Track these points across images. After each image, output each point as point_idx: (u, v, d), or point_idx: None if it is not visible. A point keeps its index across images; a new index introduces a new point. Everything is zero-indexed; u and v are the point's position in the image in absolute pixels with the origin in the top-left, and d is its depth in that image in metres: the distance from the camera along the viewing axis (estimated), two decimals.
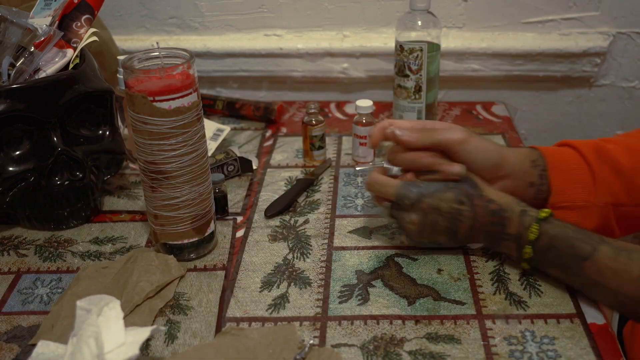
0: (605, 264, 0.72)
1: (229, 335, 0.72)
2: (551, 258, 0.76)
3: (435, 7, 1.22)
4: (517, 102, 1.39)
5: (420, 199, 0.79)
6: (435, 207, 0.79)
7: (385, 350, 0.71)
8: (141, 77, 0.76)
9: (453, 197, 0.79)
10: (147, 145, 0.79)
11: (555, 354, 0.70)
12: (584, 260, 0.73)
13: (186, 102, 0.78)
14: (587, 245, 0.73)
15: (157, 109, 0.76)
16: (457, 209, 0.79)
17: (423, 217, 0.80)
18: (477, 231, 0.80)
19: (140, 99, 0.76)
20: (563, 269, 0.76)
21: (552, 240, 0.75)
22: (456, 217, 0.79)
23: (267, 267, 0.85)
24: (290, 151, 1.14)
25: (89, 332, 0.63)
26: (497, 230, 0.79)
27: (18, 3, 1.07)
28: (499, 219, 0.78)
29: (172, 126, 0.77)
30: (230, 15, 1.35)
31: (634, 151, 0.86)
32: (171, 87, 0.76)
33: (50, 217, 0.93)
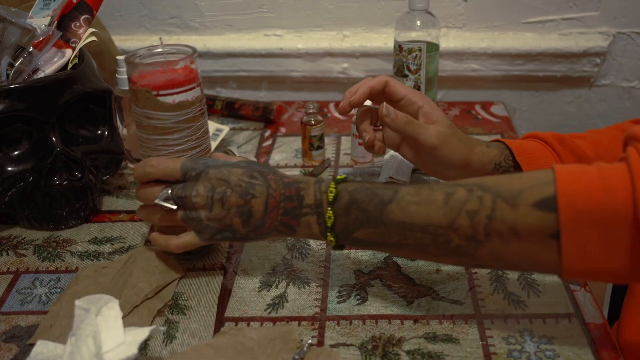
0: (408, 200, 0.67)
1: (228, 335, 0.72)
2: (355, 215, 0.70)
3: (435, 7, 1.22)
4: (517, 102, 1.39)
5: (205, 170, 0.73)
6: (223, 179, 0.72)
7: (384, 350, 0.71)
8: (145, 71, 0.76)
9: (243, 171, 0.73)
10: (151, 141, 0.79)
11: (554, 354, 0.70)
12: (387, 204, 0.68)
13: (190, 96, 0.78)
14: (389, 190, 0.69)
15: (161, 103, 0.77)
16: (249, 182, 0.72)
17: (211, 189, 0.72)
18: (274, 210, 0.72)
19: (144, 93, 0.76)
20: (369, 222, 0.69)
21: (352, 194, 0.70)
22: (248, 190, 0.72)
23: (266, 267, 0.85)
24: (289, 151, 1.14)
25: (87, 331, 0.63)
26: (294, 205, 0.72)
27: (17, 3, 1.07)
28: (294, 191, 0.72)
29: (176, 121, 0.78)
30: (230, 15, 1.35)
31: (599, 145, 0.88)
32: (175, 81, 0.77)
33: (49, 217, 0.93)
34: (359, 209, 0.70)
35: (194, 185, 0.73)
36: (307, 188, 0.73)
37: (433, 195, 0.67)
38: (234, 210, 0.73)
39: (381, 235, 0.70)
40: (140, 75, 0.77)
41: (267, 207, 0.73)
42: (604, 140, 0.90)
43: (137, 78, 0.77)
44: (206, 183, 0.73)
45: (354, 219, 0.70)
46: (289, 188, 0.73)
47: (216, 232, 0.75)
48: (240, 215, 0.73)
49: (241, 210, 0.73)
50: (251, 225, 0.74)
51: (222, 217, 0.73)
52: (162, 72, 0.77)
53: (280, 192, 0.73)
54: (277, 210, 0.73)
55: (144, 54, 0.80)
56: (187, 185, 0.73)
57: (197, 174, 0.73)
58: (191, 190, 0.73)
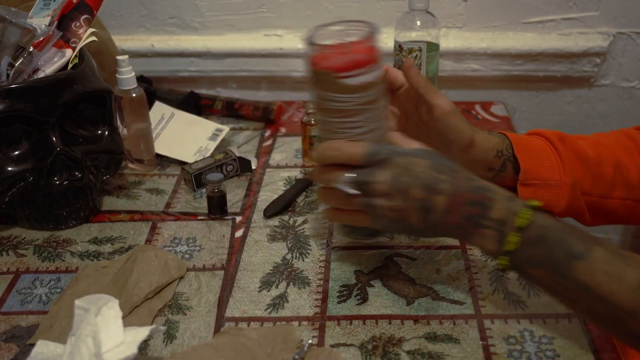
0: (599, 267, 0.63)
1: (228, 335, 0.72)
2: (538, 253, 0.66)
3: (435, 7, 1.22)
4: (517, 102, 1.39)
5: (391, 156, 0.70)
6: (408, 168, 0.69)
7: (384, 350, 0.71)
8: (326, 52, 0.72)
9: (430, 163, 0.69)
10: (332, 124, 0.75)
11: (554, 354, 0.70)
12: (576, 259, 0.64)
13: (372, 77, 0.73)
14: (581, 243, 0.64)
15: (345, 85, 0.72)
16: (434, 176, 0.69)
17: (394, 177, 0.69)
18: (455, 211, 0.68)
19: (326, 75, 0.72)
20: (550, 268, 0.65)
21: (544, 231, 0.66)
22: (432, 184, 0.68)
23: (266, 267, 0.85)
24: (290, 151, 1.14)
25: (87, 331, 0.63)
26: (477, 212, 0.68)
27: (17, 3, 1.07)
28: (482, 198, 0.68)
29: (359, 102, 0.73)
30: (230, 15, 1.35)
31: (601, 146, 0.88)
32: (357, 61, 0.72)
33: (49, 217, 0.93)
34: (546, 249, 0.65)
35: (378, 172, 0.70)
36: (495, 200, 0.68)
37: (626, 275, 0.62)
38: (414, 202, 0.69)
39: (557, 285, 0.66)
40: (321, 56, 0.72)
41: (449, 206, 0.69)
42: (606, 142, 0.90)
43: (318, 60, 0.72)
44: (390, 170, 0.70)
45: (536, 256, 0.66)
46: (476, 193, 0.68)
47: (392, 222, 0.72)
48: (419, 209, 0.69)
49: (421, 204, 0.69)
50: (429, 222, 0.70)
51: (401, 208, 0.70)
52: (342, 53, 0.71)
53: (467, 196, 0.68)
54: (460, 213, 0.69)
55: (322, 34, 0.75)
56: (370, 171, 0.71)
57: (381, 160, 0.70)
58: (374, 176, 0.70)
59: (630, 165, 0.88)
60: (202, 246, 0.90)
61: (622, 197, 0.88)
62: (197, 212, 0.98)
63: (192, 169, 1.02)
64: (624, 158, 0.88)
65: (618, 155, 0.88)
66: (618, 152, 0.89)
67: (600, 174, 0.87)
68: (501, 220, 0.67)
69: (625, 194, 0.88)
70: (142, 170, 1.09)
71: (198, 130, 1.13)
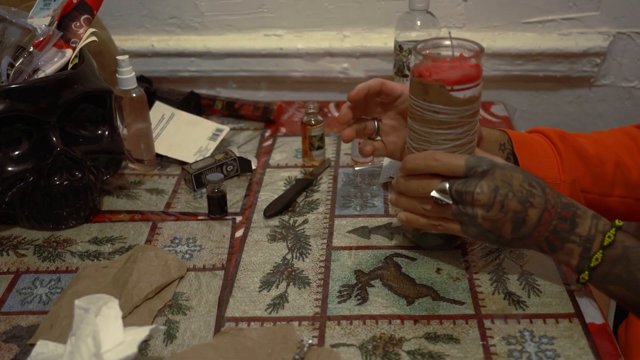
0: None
1: (228, 335, 0.72)
2: (619, 271, 0.70)
3: (435, 7, 1.22)
4: (517, 102, 1.39)
5: (492, 168, 0.72)
6: (507, 181, 0.71)
7: (384, 350, 0.71)
8: (441, 65, 0.74)
9: (523, 177, 0.72)
10: (433, 135, 0.77)
11: (554, 354, 0.70)
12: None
13: (477, 91, 0.76)
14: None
15: (453, 98, 0.75)
16: (529, 190, 0.71)
17: (495, 189, 0.71)
18: (544, 224, 0.72)
19: (437, 88, 0.74)
20: (629, 286, 0.70)
21: (627, 251, 0.70)
22: (528, 198, 0.71)
23: (266, 267, 0.85)
24: (290, 151, 1.14)
25: (87, 331, 0.63)
26: (565, 228, 0.72)
27: (17, 3, 1.07)
28: (571, 215, 0.72)
29: (463, 115, 0.76)
30: (230, 15, 1.35)
31: (601, 144, 0.89)
32: (468, 76, 0.75)
33: (49, 217, 0.93)
34: (627, 269, 0.70)
35: (478, 182, 0.72)
36: (583, 217, 0.72)
37: None
38: (510, 214, 0.72)
39: (635, 302, 0.70)
40: (435, 69, 0.75)
41: (540, 220, 0.72)
42: (606, 141, 0.90)
43: (430, 72, 0.75)
44: (490, 182, 0.72)
45: (617, 274, 0.70)
46: (566, 209, 0.72)
47: (483, 232, 0.74)
48: (513, 221, 0.72)
49: (516, 216, 0.72)
50: (519, 234, 0.73)
51: (497, 219, 0.72)
52: (455, 67, 0.74)
53: (557, 211, 0.72)
54: (548, 227, 0.72)
55: (433, 46, 0.79)
56: (470, 181, 0.73)
57: (482, 171, 0.73)
58: (474, 186, 0.72)
59: (630, 164, 0.88)
60: (202, 246, 0.90)
61: (622, 195, 0.88)
62: (197, 212, 0.98)
63: (192, 169, 1.02)
64: (624, 157, 0.88)
65: (618, 154, 0.88)
66: (618, 151, 0.89)
67: (601, 172, 0.87)
68: (588, 237, 0.71)
69: (626, 193, 0.88)
70: (143, 170, 1.09)
71: (198, 130, 1.13)
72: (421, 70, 0.75)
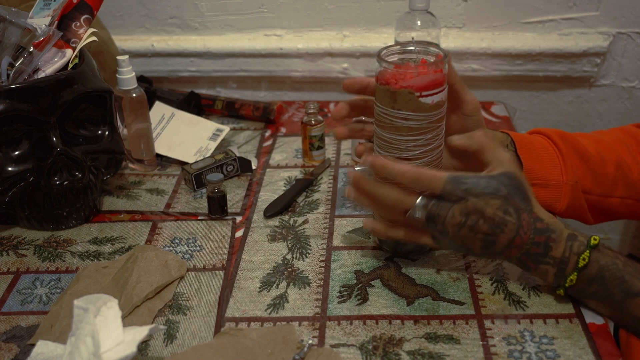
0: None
1: (228, 336, 0.72)
2: (595, 288, 0.72)
3: (435, 7, 1.22)
4: (516, 102, 1.39)
5: (466, 197, 0.73)
6: (480, 210, 0.73)
7: (384, 350, 0.71)
8: (408, 72, 0.74)
9: (500, 204, 0.73)
10: (403, 142, 0.78)
11: (554, 354, 0.70)
12: (634, 296, 0.70)
13: (443, 96, 0.77)
14: (637, 281, 0.70)
15: (422, 104, 0.75)
16: (502, 217, 0.72)
17: (466, 216, 0.73)
18: (516, 247, 0.74)
19: (406, 95, 0.75)
20: (606, 301, 0.72)
21: (602, 270, 0.71)
22: (499, 225, 0.73)
23: (266, 267, 0.85)
24: (290, 151, 1.14)
25: (86, 331, 0.63)
26: (538, 252, 0.73)
27: (17, 3, 1.07)
28: (544, 239, 0.73)
29: (431, 120, 0.77)
30: (230, 15, 1.35)
31: (602, 144, 0.89)
32: (435, 81, 0.75)
33: (49, 217, 0.93)
34: (602, 287, 0.71)
35: (451, 207, 0.74)
36: (558, 240, 0.73)
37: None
38: (480, 236, 0.74)
39: (612, 316, 0.73)
40: (400, 76, 0.75)
41: (511, 244, 0.74)
42: (608, 140, 0.90)
43: (396, 79, 0.75)
44: (463, 209, 0.73)
45: (593, 291, 0.72)
46: (539, 235, 0.73)
47: (454, 245, 0.77)
48: (483, 241, 0.74)
49: (486, 238, 0.74)
50: (489, 251, 0.75)
51: (466, 238, 0.74)
52: (422, 73, 0.75)
53: (530, 237, 0.73)
54: (520, 249, 0.74)
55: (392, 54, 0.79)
56: (444, 205, 0.74)
57: (455, 200, 0.74)
58: (447, 211, 0.74)
59: (631, 164, 0.88)
60: (203, 246, 0.90)
61: (622, 196, 0.89)
62: (197, 212, 0.98)
63: (193, 169, 1.02)
64: (625, 156, 0.88)
65: (619, 154, 0.88)
66: (619, 151, 0.89)
67: (602, 172, 0.87)
68: (562, 259, 0.73)
69: (626, 193, 0.89)
70: (143, 171, 1.09)
71: (198, 130, 1.13)
72: (387, 77, 0.76)
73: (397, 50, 0.80)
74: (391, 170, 0.75)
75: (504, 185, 0.73)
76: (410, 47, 0.80)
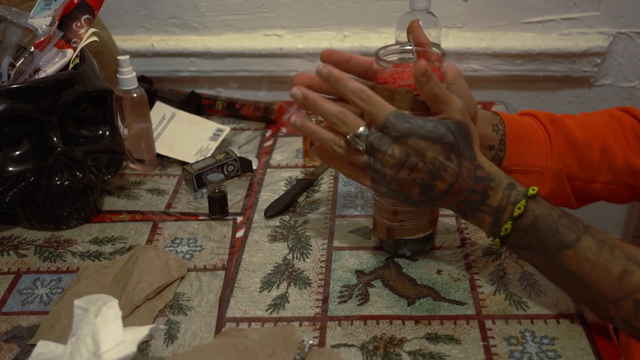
0: (586, 256, 0.68)
1: (229, 336, 0.72)
2: (530, 239, 0.71)
3: (435, 7, 1.22)
4: (517, 102, 1.39)
5: (407, 135, 0.71)
6: (420, 152, 0.71)
7: (385, 351, 0.71)
8: (406, 71, 0.74)
9: (441, 150, 0.71)
10: None
11: (555, 354, 0.70)
12: (566, 247, 0.69)
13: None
14: (572, 233, 0.69)
15: (420, 102, 0.75)
16: (442, 162, 0.71)
17: (405, 156, 0.71)
18: (454, 194, 0.73)
19: (404, 93, 0.74)
20: (540, 252, 0.71)
21: (537, 220, 0.70)
22: (439, 170, 0.71)
23: (267, 267, 0.85)
24: (290, 151, 1.14)
25: (86, 331, 0.63)
26: (476, 199, 0.72)
27: (18, 3, 1.07)
28: (482, 187, 0.72)
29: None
30: (230, 15, 1.35)
31: (589, 128, 0.89)
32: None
33: (50, 217, 0.93)
34: (537, 237, 0.71)
35: (392, 144, 0.71)
36: (496, 189, 0.72)
37: (611, 265, 0.68)
38: (419, 180, 0.72)
39: (546, 269, 0.72)
40: (398, 75, 0.75)
41: (449, 189, 0.73)
42: (594, 123, 0.91)
43: (393, 78, 0.75)
44: (403, 149, 0.71)
45: (528, 241, 0.71)
46: (478, 182, 0.72)
47: (391, 191, 0.75)
48: (421, 187, 0.73)
49: (425, 183, 0.72)
50: (427, 197, 0.74)
51: (404, 182, 0.73)
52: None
53: (469, 184, 0.72)
54: (458, 196, 0.73)
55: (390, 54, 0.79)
56: (386, 140, 0.72)
57: (396, 137, 0.71)
58: (387, 147, 0.71)
59: (616, 149, 0.89)
60: (203, 246, 0.90)
61: (605, 182, 0.90)
62: (197, 212, 0.98)
63: (193, 169, 1.02)
64: (610, 141, 0.89)
65: (606, 139, 0.89)
66: (606, 135, 0.90)
67: (588, 158, 0.88)
68: (498, 208, 0.72)
69: (609, 178, 0.90)
70: (143, 171, 1.09)
71: (199, 131, 1.14)
72: (386, 77, 0.76)
73: (395, 50, 0.80)
74: (346, 83, 0.73)
75: (452, 132, 0.72)
76: (408, 46, 0.80)
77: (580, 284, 0.69)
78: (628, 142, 0.90)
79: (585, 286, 0.69)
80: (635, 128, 0.91)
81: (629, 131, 0.91)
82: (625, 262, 0.67)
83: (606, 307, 0.68)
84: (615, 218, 1.45)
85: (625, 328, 0.68)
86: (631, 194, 0.92)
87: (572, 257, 0.69)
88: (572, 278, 0.69)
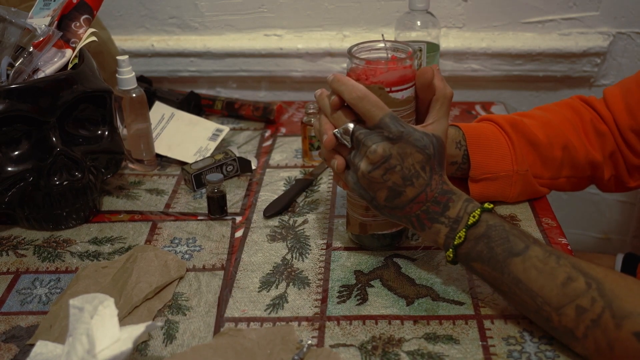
0: (533, 263, 0.69)
1: (227, 336, 0.72)
2: (481, 247, 0.72)
3: (435, 7, 1.22)
4: (517, 102, 1.39)
5: (399, 138, 0.73)
6: (403, 156, 0.73)
7: (384, 351, 0.71)
8: (378, 68, 0.75)
9: (420, 159, 0.74)
10: None
11: (554, 354, 0.70)
12: (515, 255, 0.70)
13: (412, 92, 0.78)
14: (521, 242, 0.71)
15: (392, 99, 0.76)
16: (417, 171, 0.74)
17: (388, 157, 0.73)
18: (418, 203, 0.75)
19: (376, 90, 0.75)
20: (490, 262, 0.72)
21: (489, 229, 0.72)
22: (412, 177, 0.74)
23: (266, 267, 0.85)
24: (289, 151, 1.14)
25: (82, 329, 0.63)
26: (437, 210, 0.75)
27: (17, 3, 1.07)
28: (445, 199, 0.75)
29: (401, 116, 0.77)
30: (230, 15, 1.35)
31: (551, 127, 0.92)
32: (406, 77, 0.76)
33: (49, 217, 0.93)
34: (487, 246, 0.72)
35: (378, 142, 0.73)
36: (456, 202, 0.75)
37: (556, 272, 0.69)
38: (390, 183, 0.74)
39: (494, 279, 0.73)
40: (371, 72, 0.76)
41: (415, 198, 0.75)
42: (554, 120, 0.93)
43: (367, 75, 0.76)
44: (388, 149, 0.73)
45: (479, 251, 0.73)
46: (442, 195, 0.75)
47: (360, 188, 0.76)
48: (389, 190, 0.75)
49: (394, 187, 0.74)
50: (392, 204, 0.76)
51: (375, 181, 0.74)
52: (392, 69, 0.76)
53: (434, 195, 0.75)
54: (421, 206, 0.75)
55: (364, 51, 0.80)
56: (372, 136, 0.74)
57: (387, 137, 0.73)
58: (372, 143, 0.73)
59: (577, 144, 0.92)
60: (202, 246, 0.90)
61: (568, 176, 0.94)
62: (197, 212, 0.98)
63: (192, 169, 1.02)
64: (571, 137, 0.92)
65: (567, 135, 0.92)
66: (566, 131, 0.92)
67: (550, 157, 0.91)
68: (456, 218, 0.74)
69: (572, 173, 0.94)
70: (142, 171, 1.09)
71: (198, 131, 1.14)
72: (359, 73, 0.76)
73: (367, 47, 0.81)
74: (345, 82, 0.75)
75: (433, 145, 0.75)
76: (380, 44, 0.80)
77: (526, 292, 0.70)
78: (588, 137, 0.94)
79: (531, 294, 0.69)
80: (594, 122, 0.94)
81: (589, 125, 0.94)
82: (571, 270, 0.68)
83: (550, 315, 0.68)
84: (615, 218, 1.44)
85: (568, 340, 0.68)
86: (589, 183, 0.98)
87: (520, 264, 0.70)
88: (518, 287, 0.70)
